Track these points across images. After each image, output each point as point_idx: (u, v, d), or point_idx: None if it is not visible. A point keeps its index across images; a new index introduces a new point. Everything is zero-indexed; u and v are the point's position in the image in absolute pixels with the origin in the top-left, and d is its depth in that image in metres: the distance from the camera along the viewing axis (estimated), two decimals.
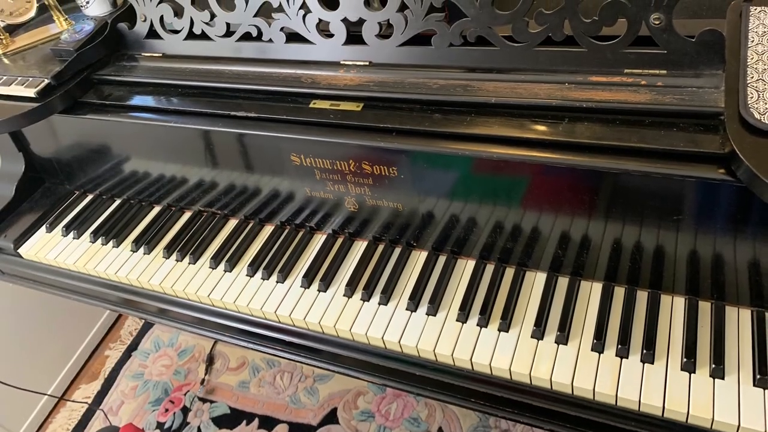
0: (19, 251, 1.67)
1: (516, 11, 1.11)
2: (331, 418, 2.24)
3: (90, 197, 1.76)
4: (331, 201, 1.37)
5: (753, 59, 0.97)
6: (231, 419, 2.31)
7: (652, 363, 1.07)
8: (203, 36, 1.43)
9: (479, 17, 1.14)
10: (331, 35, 1.29)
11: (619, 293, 1.18)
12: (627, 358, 1.08)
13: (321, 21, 1.29)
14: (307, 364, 1.40)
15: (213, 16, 1.39)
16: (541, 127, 1.08)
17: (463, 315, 1.21)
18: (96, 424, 2.43)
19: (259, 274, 1.40)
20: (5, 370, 2.24)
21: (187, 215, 1.61)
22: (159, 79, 1.46)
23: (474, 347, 1.16)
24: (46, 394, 2.44)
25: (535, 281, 1.24)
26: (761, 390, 1.00)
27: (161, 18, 1.45)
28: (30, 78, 1.44)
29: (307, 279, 1.36)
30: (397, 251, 1.37)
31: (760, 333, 1.06)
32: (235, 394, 2.39)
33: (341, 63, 1.31)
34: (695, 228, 1.04)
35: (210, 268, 1.45)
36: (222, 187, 1.50)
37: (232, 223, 1.55)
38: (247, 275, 1.41)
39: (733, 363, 1.04)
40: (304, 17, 1.29)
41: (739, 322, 1.09)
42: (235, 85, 1.38)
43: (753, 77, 0.94)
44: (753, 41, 0.99)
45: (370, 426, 2.19)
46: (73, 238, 1.64)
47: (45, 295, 1.79)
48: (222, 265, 1.45)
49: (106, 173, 1.66)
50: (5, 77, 1.47)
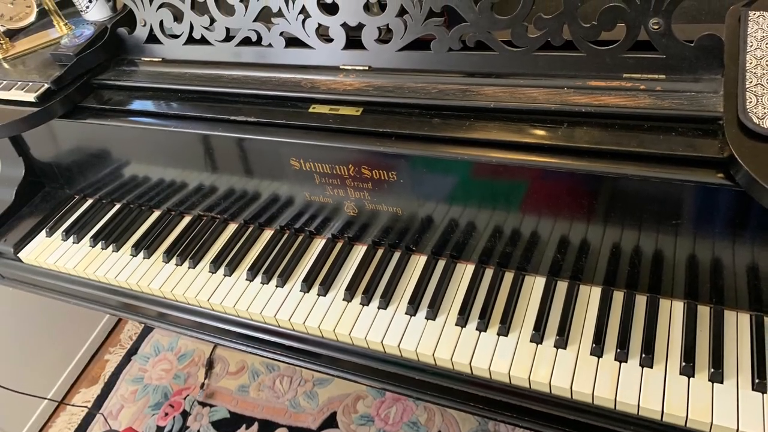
0: (19, 255, 1.67)
1: (515, 16, 1.11)
2: (331, 422, 2.23)
3: (90, 201, 1.76)
4: (331, 205, 1.37)
5: (752, 64, 0.97)
6: (231, 423, 2.31)
7: (651, 367, 1.07)
8: (203, 41, 1.43)
9: (478, 22, 1.14)
10: (331, 40, 1.29)
11: (618, 297, 1.18)
12: (626, 362, 1.08)
13: (320, 25, 1.29)
14: (307, 368, 1.40)
15: (212, 20, 1.39)
16: (540, 132, 1.09)
17: (463, 319, 1.21)
18: (96, 428, 2.42)
19: (259, 278, 1.40)
20: (5, 374, 2.24)
21: (187, 219, 1.61)
22: (159, 84, 1.47)
23: (473, 351, 1.16)
24: (46, 398, 2.44)
25: (534, 285, 1.24)
26: (760, 394, 1.00)
27: (161, 23, 1.45)
28: (30, 82, 1.44)
29: (307, 283, 1.36)
30: (397, 255, 1.37)
31: (758, 337, 1.06)
32: (235, 398, 2.39)
33: (341, 67, 1.31)
34: (694, 232, 1.04)
35: (210, 272, 1.45)
36: (221, 192, 1.50)
37: (231, 228, 1.55)
38: (247, 279, 1.41)
39: (732, 367, 1.04)
40: (303, 22, 1.29)
41: (738, 326, 1.09)
42: (235, 90, 1.38)
43: (752, 82, 0.95)
44: (752, 46, 0.99)
45: (369, 430, 2.18)
46: (73, 242, 1.64)
47: (45, 300, 1.79)
48: (221, 270, 1.45)
49: (105, 177, 1.66)
50: (5, 82, 1.47)
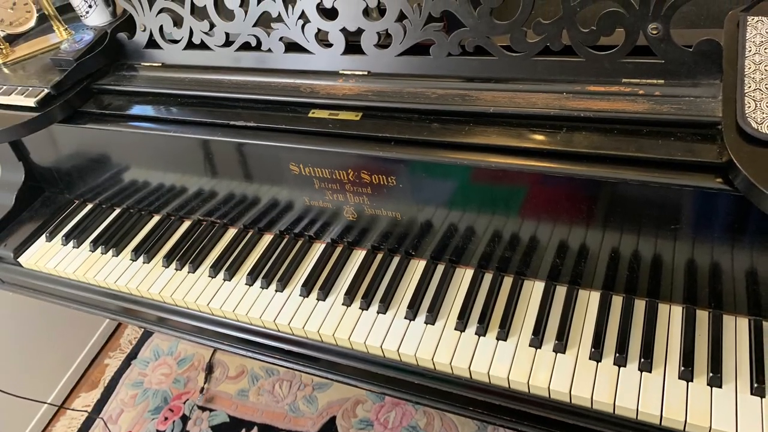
0: (19, 260, 1.67)
1: (514, 21, 1.11)
2: (330, 426, 2.23)
3: (90, 206, 1.76)
4: (330, 210, 1.37)
5: (750, 69, 0.97)
6: (230, 427, 2.30)
7: (649, 371, 1.07)
8: (202, 46, 1.43)
9: (477, 27, 1.14)
10: (330, 45, 1.30)
11: (617, 302, 1.18)
12: (625, 366, 1.08)
13: (320, 31, 1.29)
14: (306, 372, 1.40)
15: (212, 25, 1.39)
16: (539, 137, 1.09)
17: (462, 324, 1.21)
18: None
19: (258, 282, 1.41)
20: (5, 378, 2.24)
21: (187, 224, 1.61)
22: (158, 89, 1.47)
23: (472, 356, 1.16)
24: (46, 402, 2.43)
25: (534, 290, 1.25)
26: (758, 398, 1.00)
27: (161, 28, 1.45)
28: (30, 87, 1.44)
29: (306, 288, 1.36)
30: (396, 260, 1.37)
31: (757, 341, 1.06)
32: (235, 402, 2.39)
33: (340, 72, 1.32)
34: (693, 237, 1.05)
35: (209, 276, 1.46)
36: (221, 196, 1.51)
37: (231, 232, 1.55)
38: (247, 284, 1.41)
39: (731, 371, 1.04)
40: (303, 27, 1.30)
41: (737, 330, 1.09)
42: (235, 95, 1.38)
43: (750, 87, 0.95)
44: (750, 51, 0.99)
45: None
46: (73, 247, 1.64)
47: (45, 304, 1.79)
48: (221, 274, 1.45)
49: (105, 182, 1.67)
50: (5, 87, 1.47)
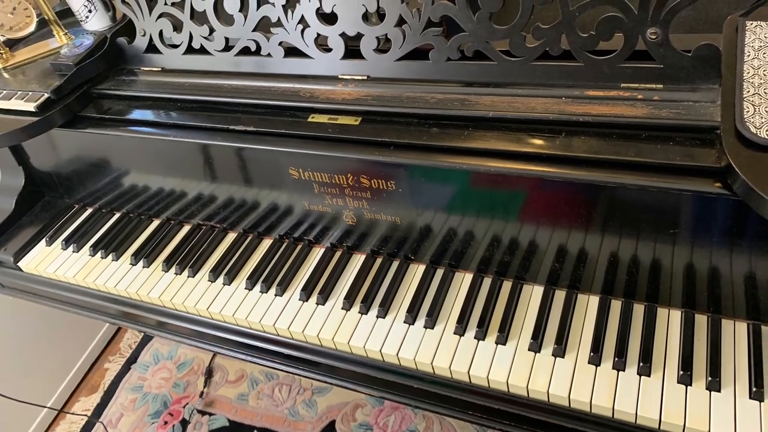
0: (19, 264, 1.67)
1: (513, 26, 1.11)
2: (330, 430, 2.23)
3: (89, 211, 1.76)
4: (330, 214, 1.37)
5: (749, 73, 0.97)
6: None
7: (648, 376, 1.07)
8: (202, 50, 1.43)
9: (477, 32, 1.15)
10: (330, 49, 1.30)
11: (616, 306, 1.18)
12: (624, 370, 1.09)
13: (319, 35, 1.29)
14: (306, 376, 1.39)
15: (212, 30, 1.39)
16: (538, 141, 1.09)
17: (461, 328, 1.21)
18: None
19: (258, 287, 1.41)
20: (5, 382, 2.24)
21: (186, 228, 1.61)
22: (158, 93, 1.47)
23: (471, 360, 1.17)
24: (45, 406, 2.43)
25: (533, 294, 1.25)
26: (757, 402, 1.00)
27: (160, 32, 1.46)
28: (30, 92, 1.45)
29: (306, 292, 1.36)
30: (395, 264, 1.37)
31: (756, 346, 1.06)
32: (234, 406, 2.39)
33: (339, 77, 1.32)
34: (691, 241, 1.05)
35: (209, 281, 1.46)
36: (221, 201, 1.51)
37: (231, 237, 1.56)
38: (246, 288, 1.41)
39: (729, 376, 1.04)
40: (302, 32, 1.30)
41: (736, 335, 1.09)
42: (234, 99, 1.38)
43: (749, 91, 0.95)
44: (749, 56, 1.00)
45: None
46: (73, 251, 1.64)
47: (45, 308, 1.79)
48: (221, 278, 1.45)
49: (105, 187, 1.67)
50: (5, 91, 1.48)
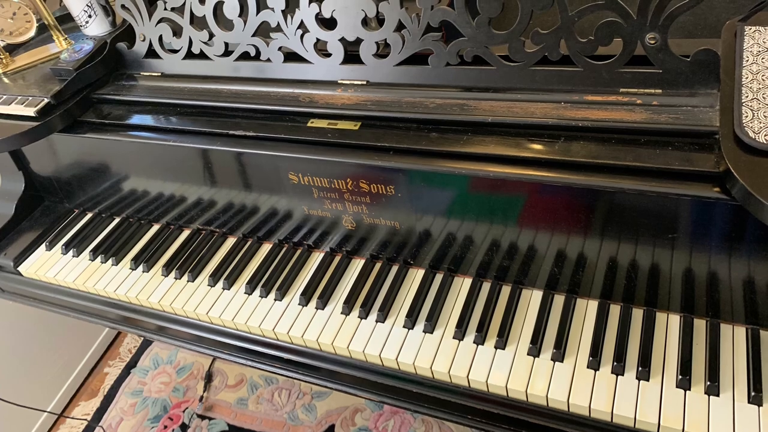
0: (19, 269, 1.67)
1: (512, 31, 1.11)
2: None
3: (89, 215, 1.76)
4: (329, 219, 1.38)
5: (748, 78, 0.97)
6: None
7: (647, 380, 1.07)
8: (202, 55, 1.43)
9: (476, 37, 1.15)
10: (329, 54, 1.30)
11: (615, 311, 1.19)
12: (623, 375, 1.09)
13: (319, 40, 1.29)
14: (305, 381, 1.40)
15: (211, 35, 1.39)
16: (538, 146, 1.09)
17: (460, 332, 1.21)
18: None
19: (258, 291, 1.41)
20: (5, 387, 2.24)
21: (186, 233, 1.62)
22: (158, 98, 1.47)
23: (471, 364, 1.17)
24: (45, 411, 2.43)
25: (532, 299, 1.25)
26: (756, 407, 1.00)
27: (160, 38, 1.46)
28: (30, 97, 1.45)
29: (305, 297, 1.36)
30: (395, 269, 1.37)
31: (754, 350, 1.07)
32: (234, 411, 2.39)
33: (339, 82, 1.32)
34: (690, 246, 1.05)
35: (208, 285, 1.46)
36: (220, 206, 1.51)
37: (230, 241, 1.56)
38: (246, 293, 1.41)
39: (728, 380, 1.04)
40: (302, 37, 1.30)
41: (734, 339, 1.10)
42: (234, 104, 1.38)
43: (748, 96, 0.95)
44: (748, 60, 1.00)
45: None
46: (73, 256, 1.64)
47: (44, 313, 1.79)
48: (220, 283, 1.45)
49: (105, 192, 1.67)
50: (5, 96, 1.48)
